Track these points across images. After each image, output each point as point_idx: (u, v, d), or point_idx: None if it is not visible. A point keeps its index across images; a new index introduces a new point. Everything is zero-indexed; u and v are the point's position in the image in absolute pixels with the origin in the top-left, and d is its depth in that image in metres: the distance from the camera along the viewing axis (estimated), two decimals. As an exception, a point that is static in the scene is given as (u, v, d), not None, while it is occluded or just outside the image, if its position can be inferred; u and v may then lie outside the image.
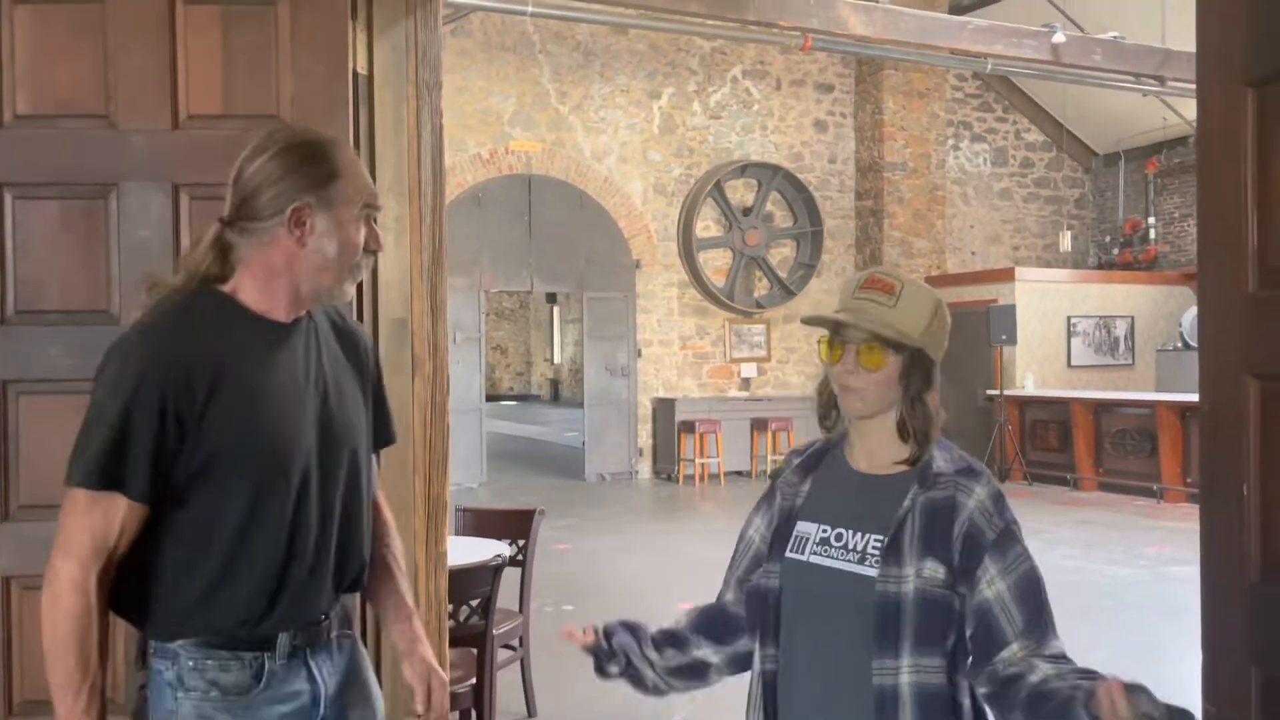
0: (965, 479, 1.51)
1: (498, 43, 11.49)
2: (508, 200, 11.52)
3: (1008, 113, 14.42)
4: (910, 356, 1.54)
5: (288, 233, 1.54)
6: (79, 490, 1.48)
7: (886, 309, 1.52)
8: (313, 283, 1.58)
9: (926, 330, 1.55)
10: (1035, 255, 14.40)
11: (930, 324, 1.56)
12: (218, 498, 1.52)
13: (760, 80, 12.80)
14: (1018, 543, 1.49)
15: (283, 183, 1.54)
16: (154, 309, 1.56)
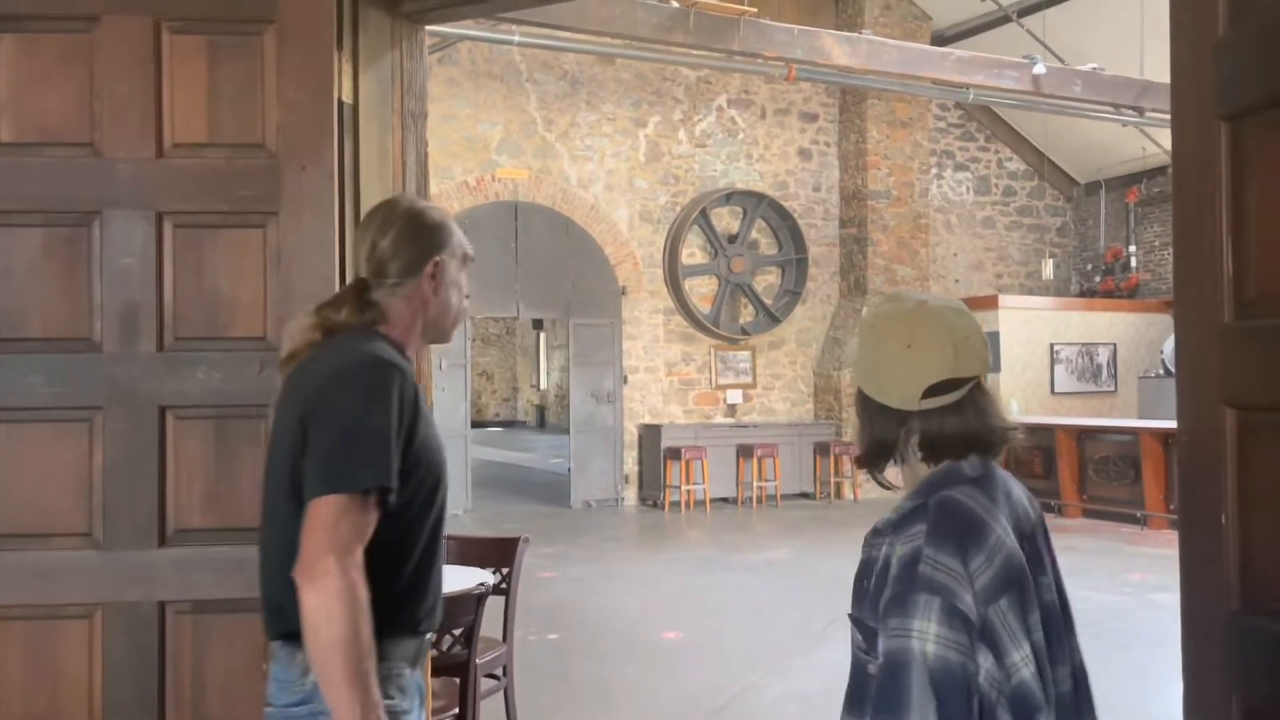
0: (895, 532, 1.38)
1: (485, 71, 11.56)
2: (494, 227, 11.55)
3: (990, 142, 14.58)
4: (859, 395, 1.48)
5: (427, 284, 1.83)
6: (351, 495, 1.63)
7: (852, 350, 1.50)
8: (435, 327, 1.89)
9: (857, 362, 1.47)
10: (1018, 283, 14.52)
11: (859, 355, 1.46)
12: (415, 504, 1.75)
13: (745, 109, 12.91)
14: (896, 616, 1.31)
15: (420, 244, 1.82)
16: (359, 339, 1.77)
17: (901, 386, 1.41)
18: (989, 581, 1.31)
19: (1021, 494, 1.48)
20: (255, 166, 2.27)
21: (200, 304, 2.26)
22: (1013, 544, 1.36)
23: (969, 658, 1.28)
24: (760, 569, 8.28)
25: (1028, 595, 1.35)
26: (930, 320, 1.42)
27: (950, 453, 1.41)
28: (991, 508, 1.38)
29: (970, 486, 1.39)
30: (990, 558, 1.32)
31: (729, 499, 12.12)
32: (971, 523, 1.35)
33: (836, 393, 12.83)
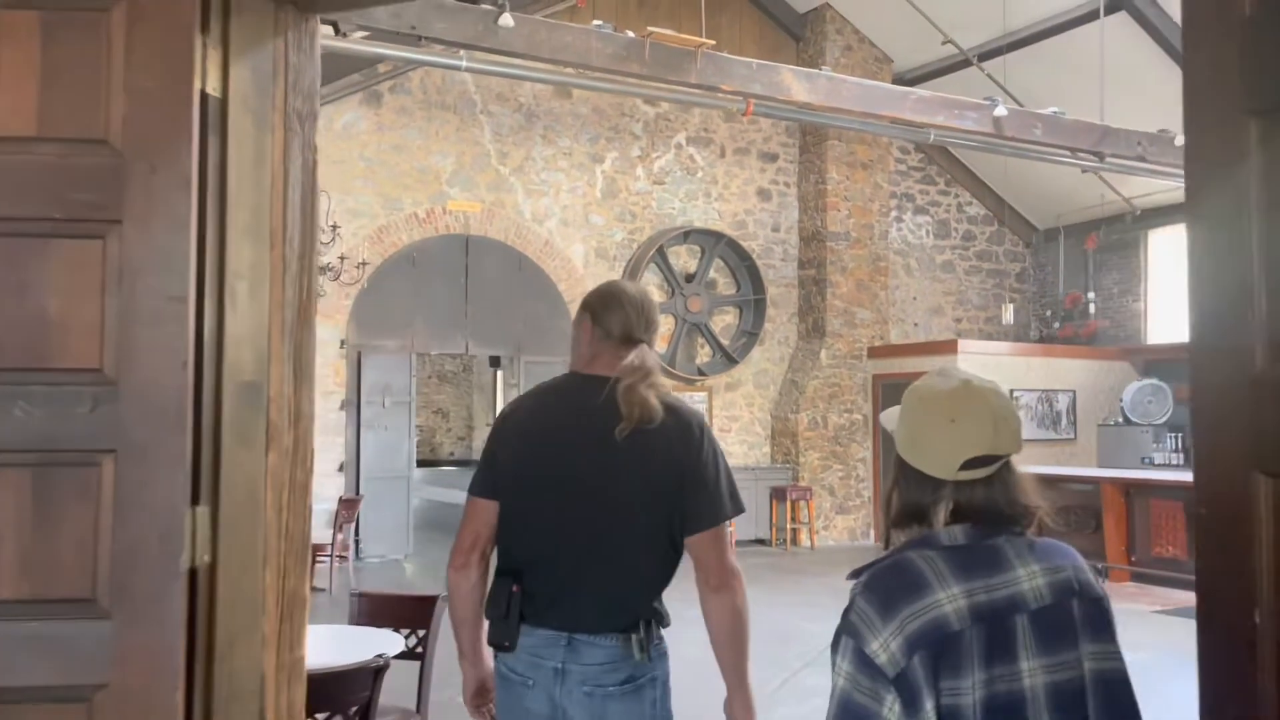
0: (853, 579, 1.54)
1: (438, 101, 11.26)
2: (444, 261, 11.20)
3: (950, 186, 14.50)
4: (898, 460, 1.62)
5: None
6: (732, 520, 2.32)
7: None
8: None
9: (898, 429, 1.63)
10: (977, 328, 14.38)
11: (901, 423, 1.64)
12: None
13: (704, 147, 12.71)
14: (833, 653, 1.48)
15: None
16: (672, 395, 2.27)
17: (943, 457, 1.52)
18: (907, 636, 1.41)
19: (1039, 579, 1.50)
20: (95, 166, 1.90)
21: (21, 328, 1.88)
22: (950, 611, 1.43)
23: (872, 699, 1.40)
24: (711, 622, 7.89)
25: (949, 659, 1.41)
26: (974, 398, 1.54)
27: (972, 520, 1.51)
28: (947, 576, 1.45)
29: (936, 552, 1.48)
30: (917, 616, 1.42)
31: (682, 545, 11.71)
32: (908, 582, 1.45)
33: (794, 436, 12.54)
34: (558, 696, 2.11)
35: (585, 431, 2.19)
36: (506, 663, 2.17)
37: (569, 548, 2.15)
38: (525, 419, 2.28)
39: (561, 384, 2.31)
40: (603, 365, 2.24)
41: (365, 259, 9.42)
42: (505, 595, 2.15)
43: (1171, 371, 12.48)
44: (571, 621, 2.12)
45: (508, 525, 2.21)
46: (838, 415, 12.67)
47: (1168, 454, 12.04)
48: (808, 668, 6.45)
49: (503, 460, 2.24)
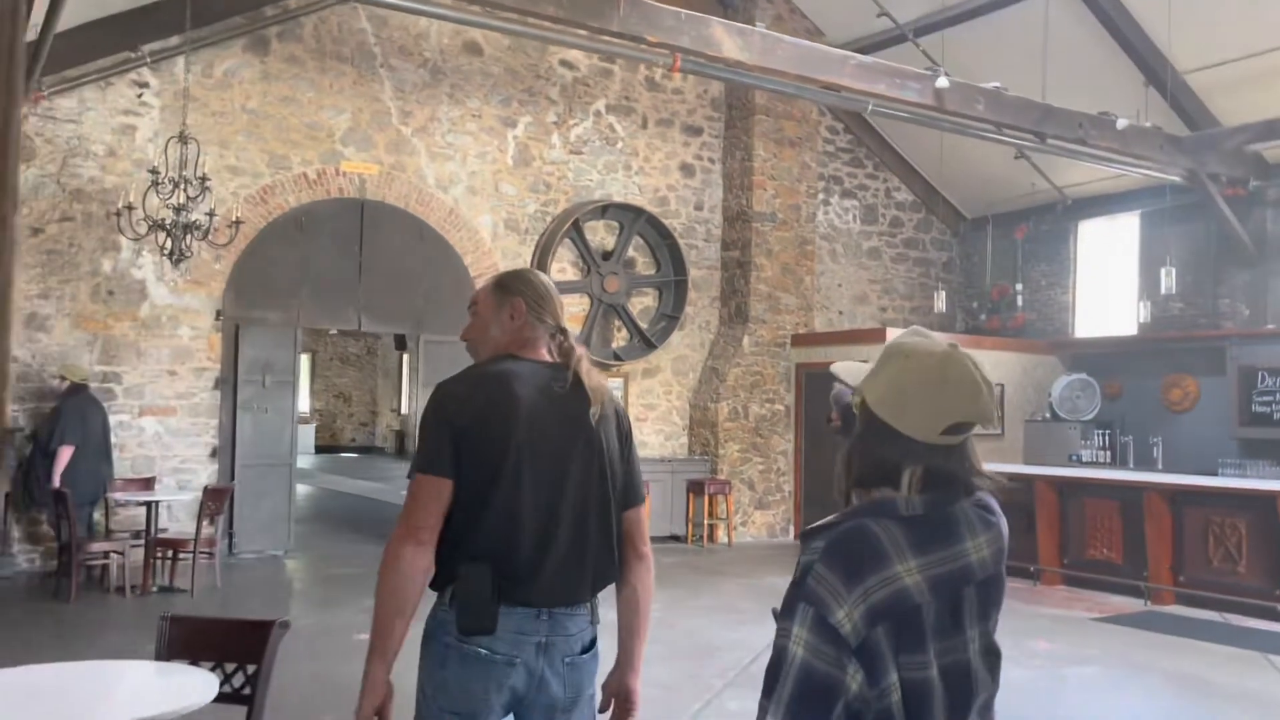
0: (805, 541, 1.49)
1: (332, 51, 10.21)
2: (336, 227, 10.16)
3: (879, 170, 13.95)
4: (867, 416, 1.55)
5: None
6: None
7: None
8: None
9: (874, 385, 1.56)
10: (902, 318, 13.88)
11: (879, 379, 1.56)
12: None
13: (625, 116, 11.89)
14: (783, 618, 1.44)
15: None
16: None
17: (927, 418, 1.49)
18: (870, 608, 1.40)
19: (985, 550, 1.50)
20: None
21: None
22: (910, 584, 1.42)
23: (835, 668, 1.39)
24: (622, 630, 7.10)
25: (910, 633, 1.42)
26: (963, 363, 1.52)
27: (934, 487, 1.49)
28: (903, 549, 1.44)
29: (893, 522, 1.45)
30: (881, 587, 1.41)
31: (592, 541, 10.92)
32: (869, 552, 1.43)
33: (713, 426, 11.84)
34: (538, 670, 2.17)
35: (562, 415, 2.26)
36: (484, 645, 2.15)
37: (551, 527, 2.20)
38: (500, 401, 2.23)
39: (520, 369, 2.29)
40: (538, 350, 2.33)
41: (241, 217, 8.36)
42: (484, 578, 2.14)
43: (1099, 366, 12.13)
44: (553, 597, 2.18)
45: (479, 509, 2.17)
46: (759, 405, 12.01)
47: (1095, 451, 11.67)
48: (730, 688, 5.70)
49: (473, 442, 2.19)
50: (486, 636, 2.15)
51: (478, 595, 2.14)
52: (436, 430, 2.20)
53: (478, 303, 2.42)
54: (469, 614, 2.15)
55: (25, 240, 8.79)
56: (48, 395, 8.76)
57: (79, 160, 9.02)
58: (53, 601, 7.52)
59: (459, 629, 2.16)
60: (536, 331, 2.33)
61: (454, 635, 2.16)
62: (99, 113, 9.11)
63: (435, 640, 2.20)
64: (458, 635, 2.16)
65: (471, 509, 2.17)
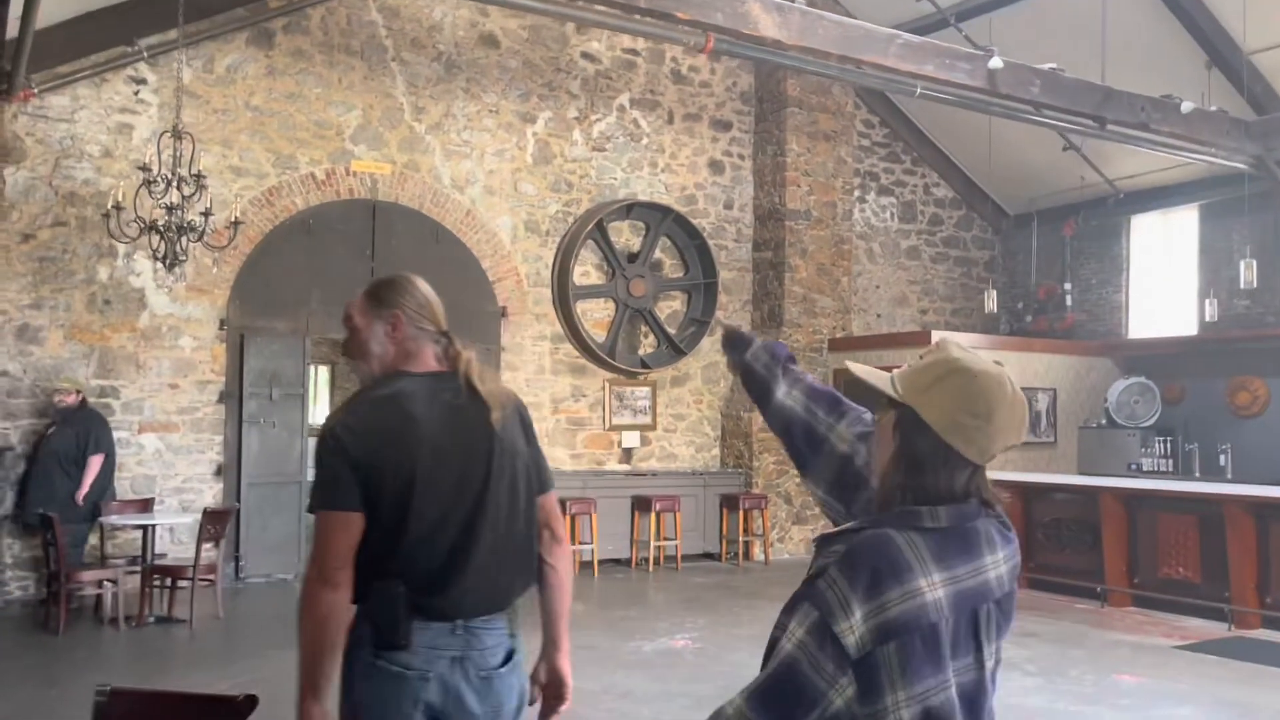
0: (823, 546, 1.48)
1: (341, 44, 9.66)
2: (346, 230, 9.60)
3: (917, 165, 13.28)
4: (925, 433, 1.47)
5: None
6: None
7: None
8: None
9: (934, 402, 1.47)
10: (944, 320, 13.19)
11: (940, 396, 1.48)
12: None
13: (650, 111, 11.28)
14: (784, 613, 1.41)
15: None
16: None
17: (991, 442, 1.46)
18: (883, 622, 1.34)
19: (1002, 567, 1.47)
20: None
21: None
22: (929, 600, 1.37)
23: (820, 677, 1.34)
24: (658, 665, 6.46)
25: (926, 652, 1.36)
26: (1018, 390, 1.49)
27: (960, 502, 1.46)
28: (927, 562, 1.39)
29: (917, 533, 1.41)
30: (901, 601, 1.35)
31: (621, 560, 10.29)
32: (891, 563, 1.38)
33: (747, 438, 11.18)
34: (454, 684, 2.17)
35: (463, 427, 2.24)
36: (398, 661, 2.15)
37: (464, 540, 2.19)
38: (397, 428, 2.20)
39: (411, 386, 2.25)
40: (425, 361, 2.29)
41: (240, 216, 7.81)
42: (395, 594, 2.15)
43: (1158, 368, 11.39)
44: (468, 609, 2.19)
45: (392, 536, 2.16)
46: (795, 414, 11.32)
47: (1156, 460, 10.93)
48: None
49: (377, 474, 2.16)
50: (401, 652, 2.15)
51: (390, 611, 2.14)
52: (335, 466, 2.15)
53: (353, 317, 2.32)
54: (383, 630, 2.15)
55: (15, 247, 8.28)
56: (42, 411, 8.23)
57: (72, 162, 8.50)
58: (40, 633, 6.96)
59: (375, 645, 2.16)
60: (420, 342, 2.28)
61: (370, 651, 2.16)
62: (93, 111, 8.59)
63: (353, 656, 2.19)
64: (373, 651, 2.16)
65: (384, 536, 2.16)
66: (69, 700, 5.28)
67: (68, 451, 7.70)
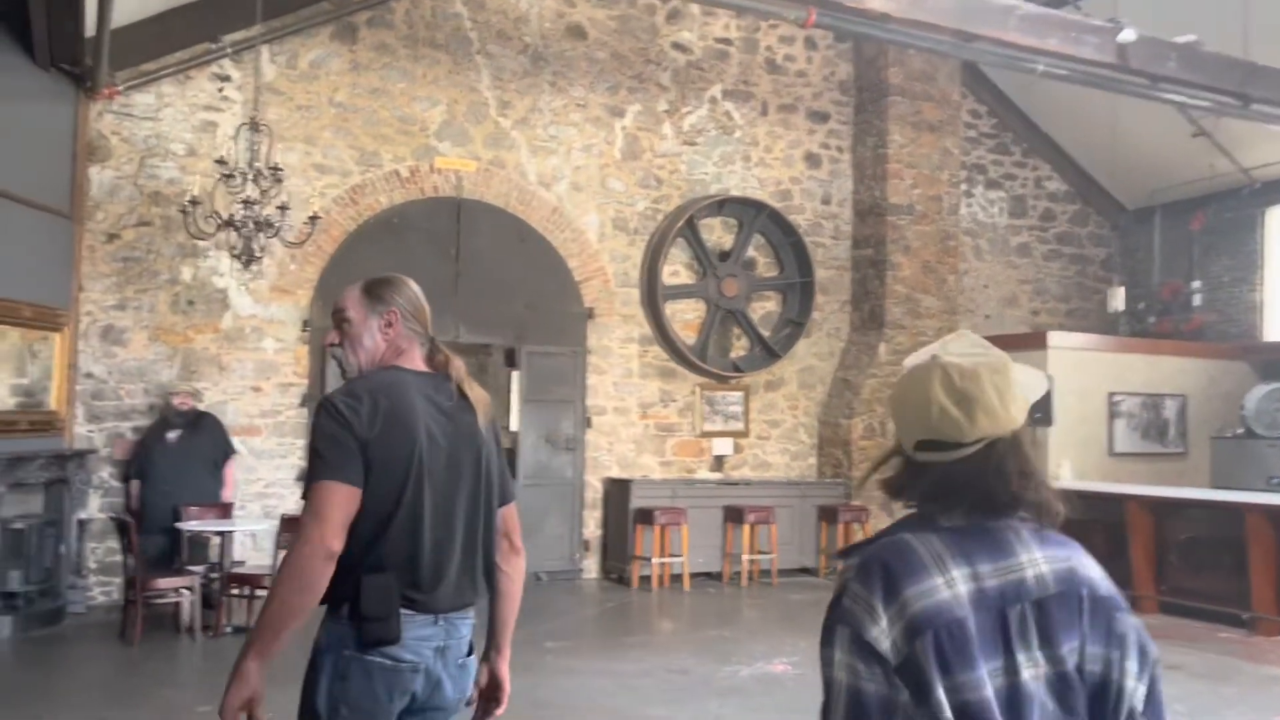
0: (842, 559, 1.48)
1: (426, 38, 9.39)
2: (430, 229, 9.32)
3: (1027, 157, 12.49)
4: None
5: None
6: None
7: None
8: None
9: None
10: (1058, 321, 12.35)
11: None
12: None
13: (743, 102, 10.78)
14: (824, 645, 1.38)
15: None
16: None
17: (902, 434, 1.49)
18: (908, 622, 1.33)
19: (1043, 566, 1.40)
20: None
21: None
22: (951, 597, 1.35)
23: (884, 686, 1.31)
24: (755, 693, 5.95)
25: (957, 648, 1.33)
26: (922, 380, 1.46)
27: (975, 505, 1.43)
28: (944, 559, 1.37)
29: (934, 534, 1.40)
30: (920, 599, 1.33)
31: (713, 574, 9.78)
32: (905, 564, 1.36)
33: (846, 445, 10.56)
34: (436, 673, 2.22)
35: (453, 426, 2.28)
36: (389, 655, 2.15)
37: (448, 536, 2.23)
38: (399, 412, 2.20)
39: (409, 379, 2.28)
40: (414, 360, 2.32)
41: (319, 212, 7.56)
42: (389, 589, 2.14)
43: (1301, 374, 10.42)
44: (450, 602, 2.23)
45: (385, 521, 2.15)
46: (898, 421, 10.67)
47: (1301, 473, 9.97)
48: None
49: (378, 455, 2.16)
50: (392, 646, 2.15)
51: (384, 604, 2.13)
52: (341, 439, 2.14)
53: (347, 309, 2.33)
54: (374, 626, 2.13)
55: (100, 247, 8.19)
56: (126, 414, 8.13)
57: (157, 160, 8.38)
58: (116, 643, 6.78)
59: (362, 642, 2.13)
60: (411, 342, 2.32)
61: (353, 648, 2.14)
62: (178, 109, 8.46)
63: (332, 653, 2.16)
64: (358, 647, 2.14)
65: (377, 521, 2.14)
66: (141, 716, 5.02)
67: (209, 454, 7.84)
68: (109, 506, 7.95)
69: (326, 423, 2.16)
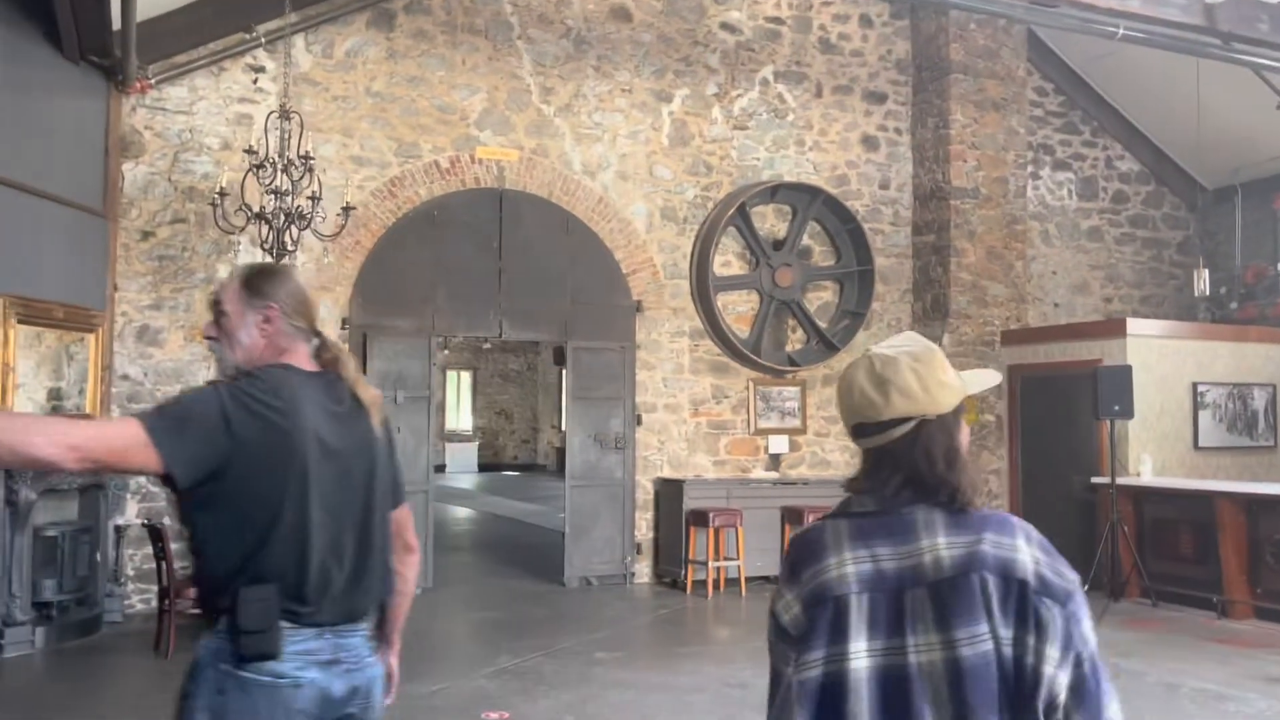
0: None
1: (465, 24, 9.07)
2: (472, 222, 9.00)
3: (1097, 136, 11.85)
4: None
5: None
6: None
7: None
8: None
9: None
10: (1131, 308, 11.70)
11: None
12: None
13: (796, 84, 10.31)
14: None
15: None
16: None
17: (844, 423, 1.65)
18: (804, 596, 1.49)
19: (943, 551, 1.45)
20: None
21: None
22: (834, 577, 1.47)
23: (779, 658, 1.52)
24: (820, 709, 5.50)
25: (832, 622, 1.45)
26: (851, 371, 1.63)
27: (902, 488, 1.52)
28: (844, 541, 1.49)
29: (845, 519, 1.53)
30: (812, 579, 1.49)
31: (770, 578, 9.33)
32: (809, 549, 1.52)
33: (910, 442, 10.03)
34: (325, 687, 2.07)
35: (344, 428, 2.14)
36: (268, 670, 2.00)
37: (337, 545, 2.10)
38: (289, 412, 2.03)
39: (301, 381, 2.11)
40: (298, 358, 2.17)
41: (352, 203, 7.27)
42: (269, 602, 2.00)
43: (1403, 360, 9.69)
44: (338, 615, 2.09)
45: (268, 528, 2.00)
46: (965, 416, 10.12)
47: (1406, 467, 9.26)
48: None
49: (259, 455, 1.99)
50: (270, 662, 2.00)
51: (262, 618, 1.98)
52: (201, 417, 1.95)
53: (224, 302, 2.18)
54: (252, 639, 1.98)
55: (135, 245, 7.98)
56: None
57: (191, 155, 8.16)
58: (150, 654, 6.54)
59: (240, 657, 1.98)
60: (293, 340, 2.17)
61: (231, 663, 1.99)
62: (212, 102, 8.23)
63: (209, 668, 2.02)
64: (235, 664, 1.99)
65: (258, 530, 1.99)
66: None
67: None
68: (147, 512, 7.74)
69: (197, 396, 2.02)
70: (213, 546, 2.00)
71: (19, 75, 6.68)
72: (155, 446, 1.88)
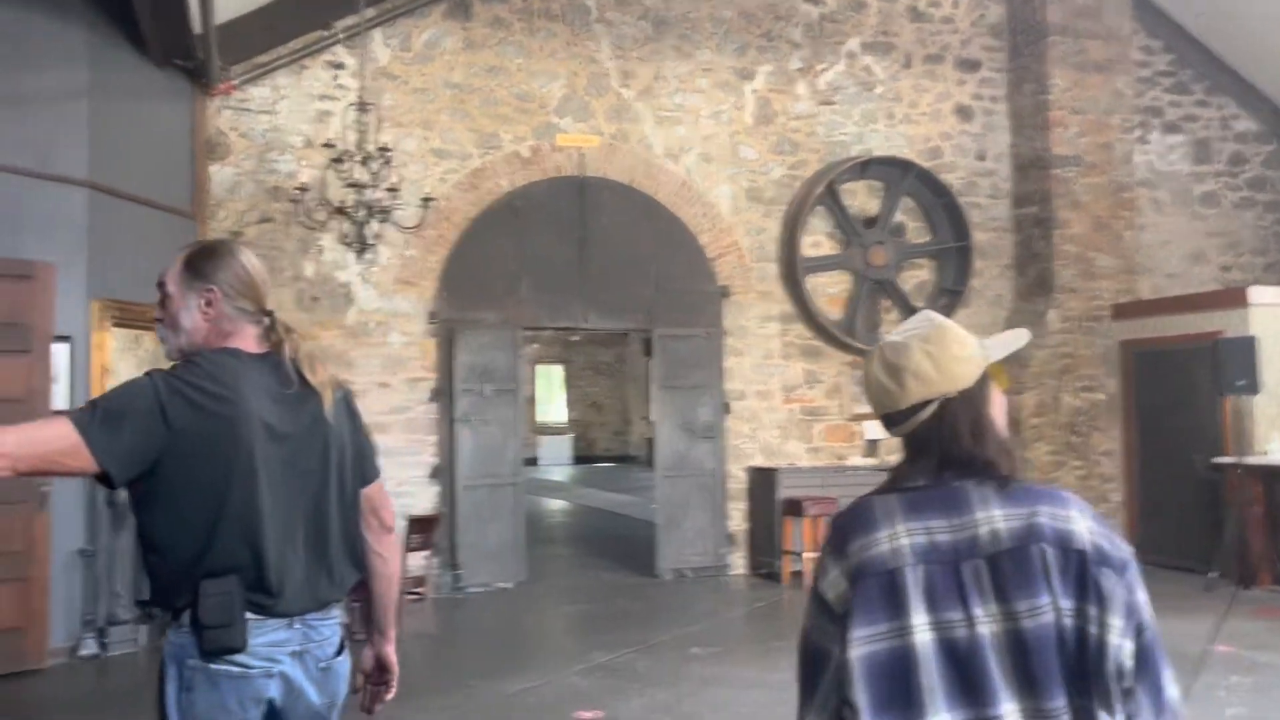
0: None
1: (541, 9, 8.94)
2: (554, 210, 8.88)
3: (1210, 95, 11.13)
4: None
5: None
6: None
7: None
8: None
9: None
10: (1254, 277, 10.96)
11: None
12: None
13: (884, 55, 9.91)
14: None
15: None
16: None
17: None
18: (850, 570, 1.46)
19: (1000, 524, 1.45)
20: None
21: None
22: (890, 550, 1.44)
23: (824, 639, 1.47)
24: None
25: (883, 598, 1.42)
26: (870, 362, 1.62)
27: (943, 467, 1.53)
28: (896, 514, 1.48)
29: (895, 494, 1.51)
30: (861, 551, 1.46)
31: (871, 568, 9.01)
32: (858, 522, 1.50)
33: (1016, 423, 9.57)
34: (295, 678, 2.05)
35: (293, 413, 2.09)
36: (235, 662, 1.97)
37: (294, 532, 2.05)
38: (230, 399, 1.98)
39: (245, 366, 2.05)
40: (245, 341, 2.11)
41: (432, 193, 7.20)
42: (230, 594, 1.95)
43: None
44: (304, 604, 2.06)
45: (215, 519, 1.96)
46: (1073, 395, 9.62)
47: None
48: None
49: (202, 446, 1.94)
50: (238, 654, 1.97)
51: (225, 611, 1.95)
52: (136, 413, 1.90)
53: (167, 284, 2.10)
54: (215, 633, 1.94)
55: (223, 246, 8.05)
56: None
57: (276, 154, 8.21)
58: (248, 651, 6.57)
59: (204, 651, 1.95)
60: (237, 323, 2.09)
61: (197, 657, 1.96)
62: (294, 100, 8.27)
63: (176, 664, 1.98)
64: (201, 658, 1.95)
65: (205, 522, 1.94)
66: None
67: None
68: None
69: (131, 388, 1.94)
70: (164, 540, 1.93)
71: (107, 81, 6.78)
72: (88, 446, 1.83)
